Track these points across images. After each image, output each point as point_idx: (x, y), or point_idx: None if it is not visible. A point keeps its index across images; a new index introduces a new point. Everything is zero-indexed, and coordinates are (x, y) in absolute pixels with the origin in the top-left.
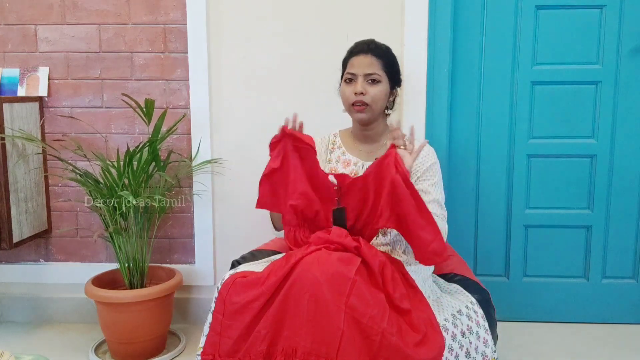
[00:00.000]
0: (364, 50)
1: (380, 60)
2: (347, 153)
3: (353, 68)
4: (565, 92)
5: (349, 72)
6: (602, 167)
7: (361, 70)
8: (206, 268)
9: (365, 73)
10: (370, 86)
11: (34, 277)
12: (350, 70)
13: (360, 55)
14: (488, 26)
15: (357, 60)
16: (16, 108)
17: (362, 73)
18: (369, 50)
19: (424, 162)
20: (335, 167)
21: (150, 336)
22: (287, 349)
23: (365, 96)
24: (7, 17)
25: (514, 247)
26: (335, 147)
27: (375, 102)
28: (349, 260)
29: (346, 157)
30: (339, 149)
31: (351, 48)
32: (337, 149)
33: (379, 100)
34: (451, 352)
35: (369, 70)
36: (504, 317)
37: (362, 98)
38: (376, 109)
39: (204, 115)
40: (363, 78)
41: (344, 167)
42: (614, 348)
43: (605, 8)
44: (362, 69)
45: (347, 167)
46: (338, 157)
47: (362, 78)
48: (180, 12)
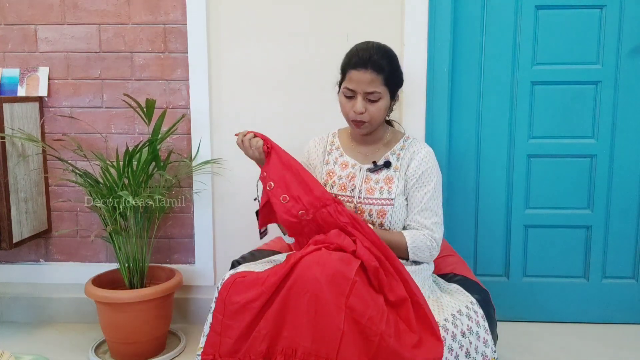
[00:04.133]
0: (364, 65)
1: (380, 75)
2: (345, 155)
3: (352, 84)
4: (565, 92)
5: (348, 88)
6: (602, 167)
7: (361, 88)
8: (206, 268)
9: (366, 92)
10: (370, 104)
11: (33, 277)
12: (349, 85)
13: (360, 71)
14: (488, 26)
15: (356, 75)
16: (16, 108)
17: (362, 91)
18: (369, 64)
19: (419, 167)
20: (333, 169)
21: (150, 336)
22: (287, 349)
23: (365, 114)
24: (7, 17)
25: (514, 247)
26: (333, 149)
27: (375, 119)
28: (349, 260)
29: (344, 159)
30: (337, 150)
31: (350, 55)
32: (335, 150)
33: (379, 117)
34: (451, 352)
35: (369, 89)
36: (504, 317)
37: (362, 117)
38: (376, 124)
39: (204, 115)
40: (363, 96)
41: (341, 169)
42: (614, 348)
43: (605, 8)
44: (361, 87)
45: (345, 169)
46: (336, 158)
47: (362, 96)
48: (180, 12)
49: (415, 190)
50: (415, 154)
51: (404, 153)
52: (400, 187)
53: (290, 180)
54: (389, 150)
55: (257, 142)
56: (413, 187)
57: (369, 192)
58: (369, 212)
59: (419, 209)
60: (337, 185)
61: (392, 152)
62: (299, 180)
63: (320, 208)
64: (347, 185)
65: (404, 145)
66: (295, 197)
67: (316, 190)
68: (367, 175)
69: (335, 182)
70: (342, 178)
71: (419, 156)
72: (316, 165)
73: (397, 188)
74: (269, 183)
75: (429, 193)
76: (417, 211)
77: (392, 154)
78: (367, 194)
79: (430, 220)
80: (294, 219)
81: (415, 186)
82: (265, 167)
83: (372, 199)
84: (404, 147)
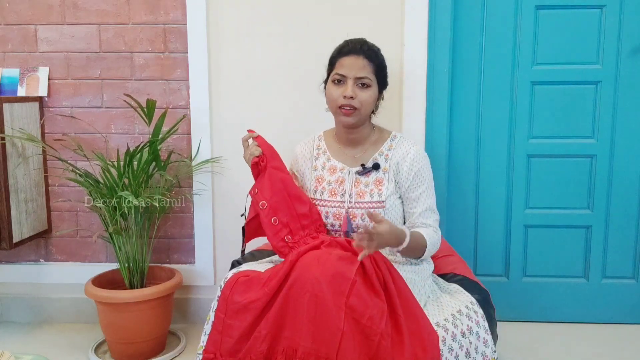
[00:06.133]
0: (356, 51)
1: (372, 63)
2: (332, 159)
3: (343, 69)
4: (565, 92)
5: (339, 73)
6: (602, 167)
7: (352, 72)
8: (206, 268)
9: (357, 76)
10: (360, 90)
11: (34, 277)
12: (339, 70)
13: (352, 56)
14: (488, 26)
15: (348, 60)
16: (16, 108)
17: (353, 76)
18: (361, 51)
19: (412, 168)
20: (322, 175)
21: (150, 336)
22: (288, 349)
23: (355, 100)
24: (7, 17)
25: (514, 247)
26: (320, 153)
27: (365, 107)
28: (349, 259)
29: (332, 163)
30: (324, 155)
31: (341, 46)
32: (322, 154)
33: (368, 105)
34: (451, 352)
35: (361, 74)
36: (504, 317)
37: (352, 102)
38: (364, 114)
39: (204, 115)
40: (353, 81)
41: (330, 174)
42: (614, 348)
43: (605, 8)
44: (353, 72)
45: (334, 173)
46: (324, 163)
47: (353, 81)
48: (180, 12)
49: (410, 191)
50: (405, 155)
51: (392, 153)
52: (390, 188)
53: (280, 203)
54: (377, 151)
55: (255, 151)
56: (408, 188)
57: (360, 196)
58: (361, 216)
59: (420, 210)
60: (326, 190)
61: (380, 153)
62: (288, 204)
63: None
64: (336, 190)
65: (391, 145)
66: (284, 223)
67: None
68: (356, 179)
69: (324, 187)
70: (331, 183)
71: (409, 157)
72: (304, 172)
73: (388, 190)
74: (261, 202)
75: (425, 192)
76: (419, 213)
77: (380, 154)
78: (358, 198)
79: (431, 218)
80: (281, 242)
81: (410, 188)
82: (258, 183)
83: (363, 203)
84: (391, 147)
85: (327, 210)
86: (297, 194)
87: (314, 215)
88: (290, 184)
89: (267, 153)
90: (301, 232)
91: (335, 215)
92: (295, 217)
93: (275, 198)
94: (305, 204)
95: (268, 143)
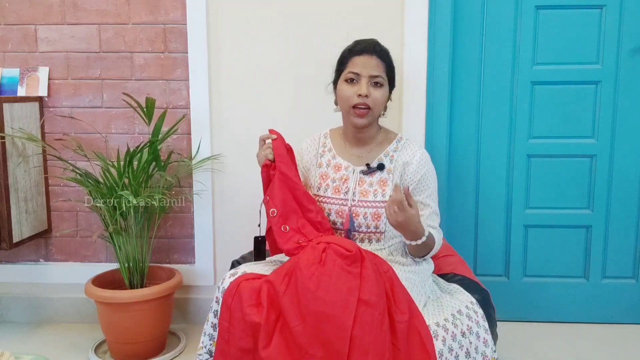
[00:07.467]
0: (370, 51)
1: (384, 63)
2: (337, 157)
3: (356, 67)
4: (565, 92)
5: (352, 72)
6: (602, 167)
7: (366, 71)
8: (206, 268)
9: (371, 75)
10: (373, 89)
11: (34, 277)
12: (353, 69)
13: (365, 56)
14: (488, 26)
15: (361, 60)
16: (16, 108)
17: (367, 74)
18: (374, 51)
19: (418, 171)
20: (326, 172)
21: (150, 336)
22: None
23: (368, 99)
24: (7, 17)
25: (514, 247)
26: (325, 150)
27: (377, 106)
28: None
29: (337, 161)
30: (329, 152)
31: (352, 46)
32: (327, 152)
33: (380, 104)
34: (451, 352)
35: (375, 72)
36: (504, 317)
37: (366, 101)
38: (376, 113)
39: (204, 115)
40: (367, 79)
41: (334, 171)
42: (614, 348)
43: (605, 8)
44: (367, 70)
45: (338, 171)
46: (329, 160)
47: (367, 79)
48: (180, 12)
49: (415, 194)
50: (411, 158)
51: (397, 155)
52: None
53: (290, 211)
54: (382, 152)
55: (269, 154)
56: (413, 191)
57: (363, 194)
58: (364, 215)
59: (427, 214)
60: (330, 188)
61: (386, 153)
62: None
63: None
64: (340, 187)
65: (397, 146)
66: (295, 229)
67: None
68: (360, 178)
69: (328, 184)
70: (335, 181)
71: (415, 160)
72: (309, 168)
73: (391, 190)
74: (272, 210)
75: (430, 197)
76: (426, 216)
77: (386, 155)
78: (361, 197)
79: (436, 221)
80: (295, 244)
81: (415, 191)
82: (270, 191)
83: (366, 202)
84: (397, 148)
85: (330, 207)
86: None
87: (323, 220)
88: (301, 192)
89: (279, 160)
90: (316, 233)
91: (338, 213)
92: (307, 223)
93: (284, 206)
94: (312, 212)
95: (286, 145)
